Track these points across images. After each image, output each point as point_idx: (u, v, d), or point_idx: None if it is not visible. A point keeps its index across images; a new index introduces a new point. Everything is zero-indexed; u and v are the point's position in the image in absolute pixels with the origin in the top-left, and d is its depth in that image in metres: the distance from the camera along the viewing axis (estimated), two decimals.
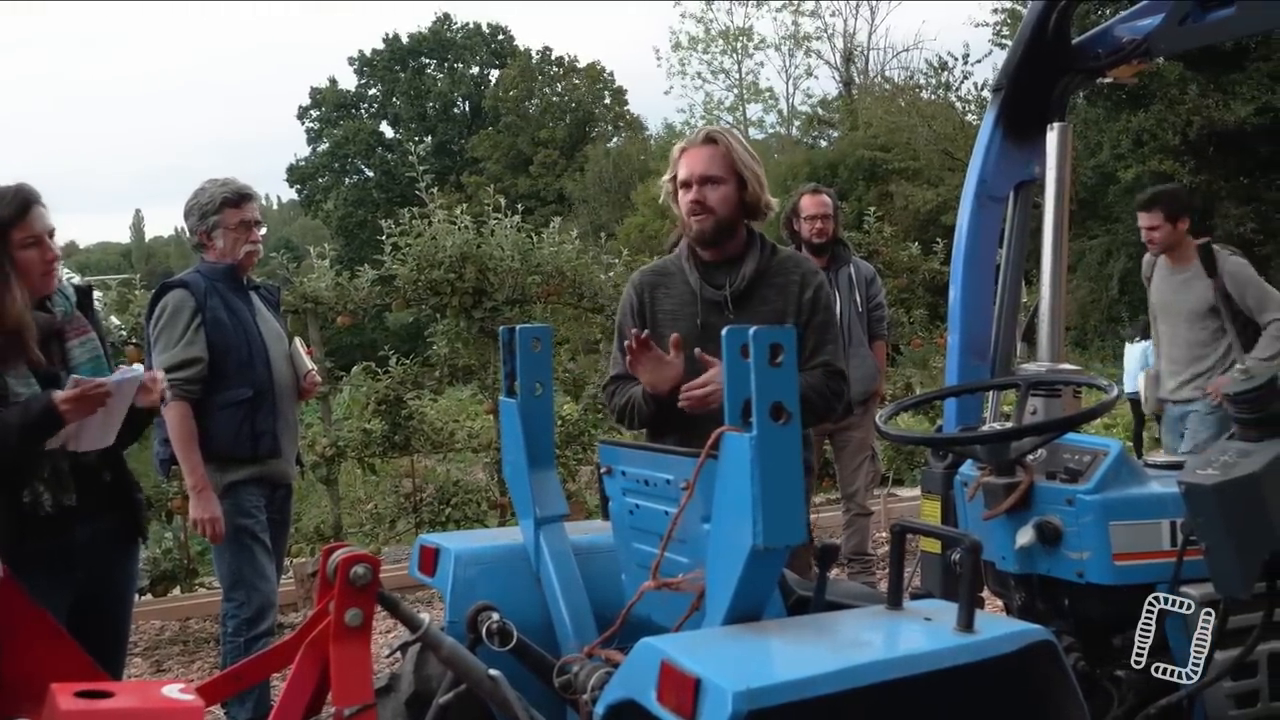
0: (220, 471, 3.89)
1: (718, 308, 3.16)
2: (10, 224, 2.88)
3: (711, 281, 3.19)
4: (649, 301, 3.25)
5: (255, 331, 3.97)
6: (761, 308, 3.15)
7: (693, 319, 3.17)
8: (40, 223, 2.94)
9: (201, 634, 6.08)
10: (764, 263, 3.20)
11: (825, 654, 1.72)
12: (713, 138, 3.16)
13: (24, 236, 2.90)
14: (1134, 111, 20.53)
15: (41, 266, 2.94)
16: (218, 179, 4.06)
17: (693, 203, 3.13)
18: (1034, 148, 3.24)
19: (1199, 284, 5.42)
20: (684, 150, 3.18)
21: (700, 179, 3.12)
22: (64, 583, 2.95)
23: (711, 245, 3.19)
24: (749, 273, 3.17)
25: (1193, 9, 3.07)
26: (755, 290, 3.18)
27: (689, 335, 3.08)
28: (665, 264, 3.34)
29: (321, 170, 48.66)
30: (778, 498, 1.79)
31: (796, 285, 3.20)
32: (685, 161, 3.16)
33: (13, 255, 2.88)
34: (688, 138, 3.24)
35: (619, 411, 3.26)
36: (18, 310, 2.85)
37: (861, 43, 39.00)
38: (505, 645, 2.28)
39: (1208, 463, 2.28)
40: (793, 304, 3.18)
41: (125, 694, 1.72)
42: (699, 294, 3.18)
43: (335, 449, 6.73)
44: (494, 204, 7.20)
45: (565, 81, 48.17)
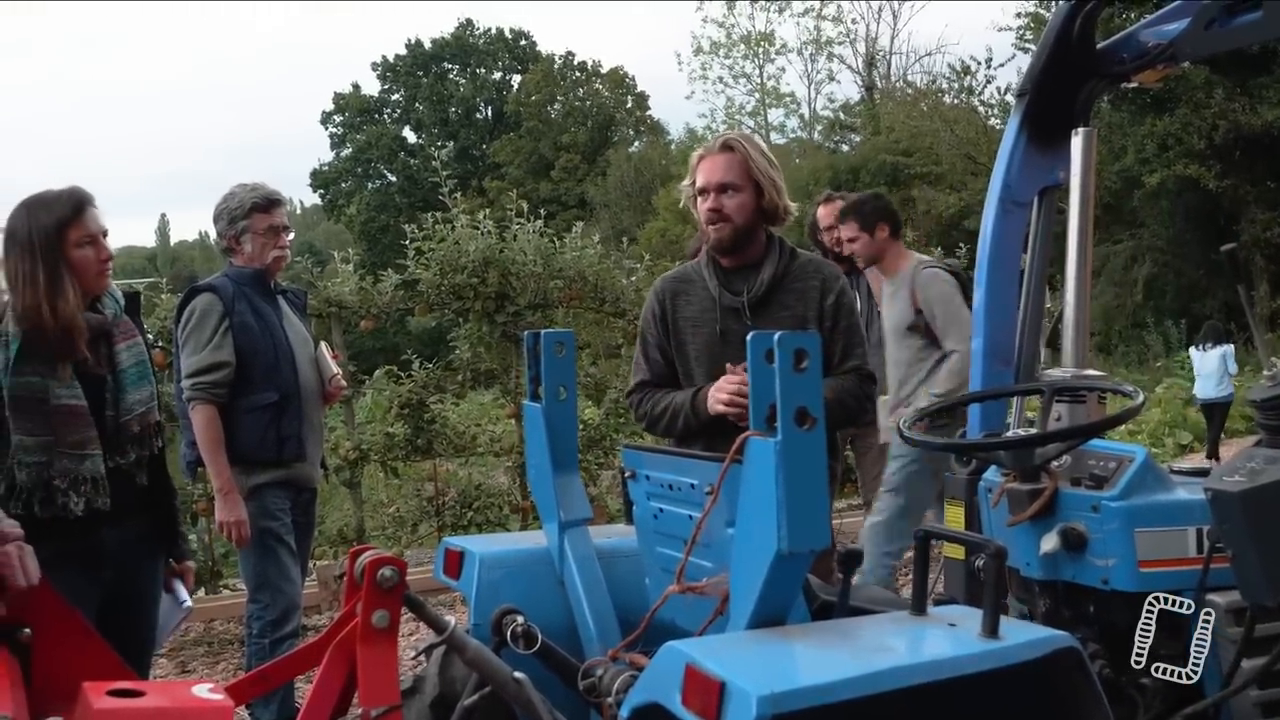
0: (246, 474, 3.92)
1: (736, 314, 3.18)
2: (66, 223, 2.92)
3: (730, 288, 3.22)
4: (670, 309, 3.28)
5: (282, 336, 4.01)
6: (781, 313, 3.17)
7: (713, 325, 3.20)
8: (94, 223, 2.98)
9: (226, 635, 6.13)
10: (782, 268, 3.22)
11: (850, 659, 1.72)
12: (730, 145, 3.18)
13: (79, 236, 2.94)
14: (1159, 115, 20.40)
15: (96, 266, 2.98)
16: (247, 184, 4.10)
17: (710, 210, 3.16)
18: (1058, 153, 3.23)
19: (902, 296, 5.01)
20: (702, 158, 3.22)
21: (718, 187, 3.15)
22: (94, 582, 2.98)
23: (730, 252, 3.21)
24: (766, 279, 3.20)
25: (1219, 13, 3.05)
26: (774, 296, 3.20)
27: (709, 342, 3.14)
28: (687, 271, 3.37)
29: (344, 175, 48.94)
30: (802, 502, 1.79)
31: (817, 290, 3.22)
32: (703, 169, 3.19)
33: (68, 255, 2.92)
34: (706, 144, 3.27)
35: (653, 419, 3.27)
36: (70, 309, 2.89)
37: (884, 47, 38.93)
38: (530, 648, 2.29)
39: (1234, 469, 2.26)
40: (814, 309, 3.20)
41: (156, 693, 1.74)
42: (719, 301, 3.21)
43: (358, 452, 6.77)
44: (516, 209, 7.23)
45: (588, 86, 48.26)
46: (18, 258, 2.92)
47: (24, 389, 2.87)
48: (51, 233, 2.91)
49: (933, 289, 4.90)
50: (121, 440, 3.04)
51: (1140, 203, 22.11)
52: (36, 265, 2.89)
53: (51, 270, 2.89)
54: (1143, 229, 22.78)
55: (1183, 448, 12.29)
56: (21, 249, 2.91)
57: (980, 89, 29.68)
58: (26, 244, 2.91)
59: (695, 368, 3.25)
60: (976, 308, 3.27)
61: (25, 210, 2.95)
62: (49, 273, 2.89)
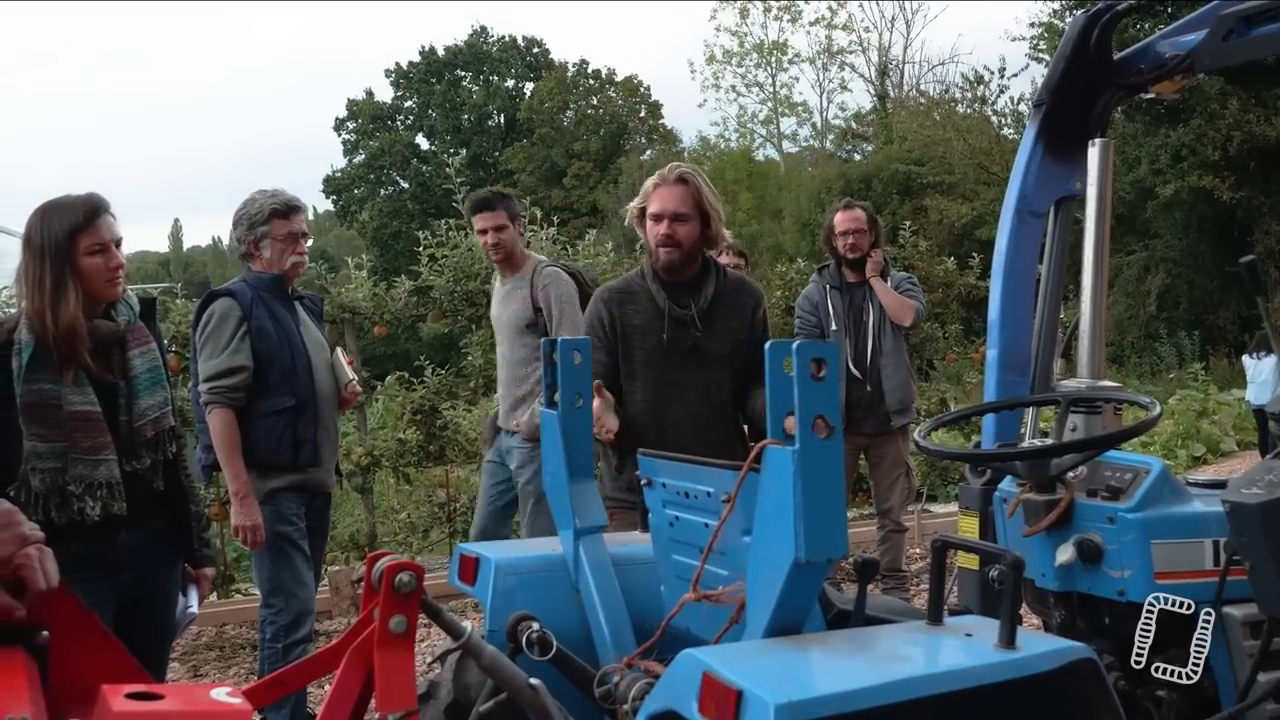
0: (261, 479, 3.94)
1: (683, 325, 3.58)
2: (78, 230, 2.93)
3: (677, 301, 3.60)
4: (619, 316, 3.62)
5: (299, 341, 4.03)
6: (724, 324, 3.61)
7: (659, 334, 3.58)
8: (107, 231, 2.99)
9: (238, 640, 6.14)
10: (721, 286, 3.64)
11: (866, 668, 1.72)
12: (684, 178, 3.56)
13: (90, 243, 2.94)
14: (1173, 126, 20.34)
15: (106, 274, 2.98)
16: (267, 190, 4.12)
17: (664, 236, 3.53)
18: (1075, 163, 3.23)
19: (519, 294, 4.97)
20: (657, 186, 3.56)
21: (672, 215, 3.52)
22: (111, 585, 2.99)
23: (677, 272, 3.60)
24: (710, 294, 3.61)
25: (1237, 24, 3.05)
26: (717, 309, 3.61)
27: (655, 348, 3.55)
28: (629, 282, 3.72)
29: (357, 181, 49.03)
30: (820, 511, 1.79)
31: (750, 306, 3.68)
32: (659, 197, 3.55)
33: (77, 261, 2.93)
34: (660, 173, 3.60)
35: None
36: (71, 315, 2.90)
37: (897, 56, 38.92)
38: (545, 655, 2.29)
39: (1252, 481, 2.26)
40: (747, 322, 3.65)
41: (175, 696, 1.74)
42: (666, 312, 3.58)
43: (371, 458, 6.79)
44: (529, 216, 7.26)
45: (601, 94, 48.32)
46: (29, 261, 2.94)
47: (37, 396, 2.89)
48: (62, 238, 2.91)
49: (557, 287, 4.89)
50: (136, 445, 3.05)
51: (1154, 214, 22.04)
52: (45, 270, 2.90)
53: (58, 276, 2.90)
54: (1156, 240, 22.70)
55: (1195, 459, 12.24)
56: (33, 253, 2.93)
57: (993, 98, 29.69)
58: (38, 248, 2.93)
59: (641, 370, 3.63)
60: (992, 318, 3.27)
61: (40, 214, 2.97)
62: (55, 278, 2.90)
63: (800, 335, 5.79)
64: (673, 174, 3.57)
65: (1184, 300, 22.19)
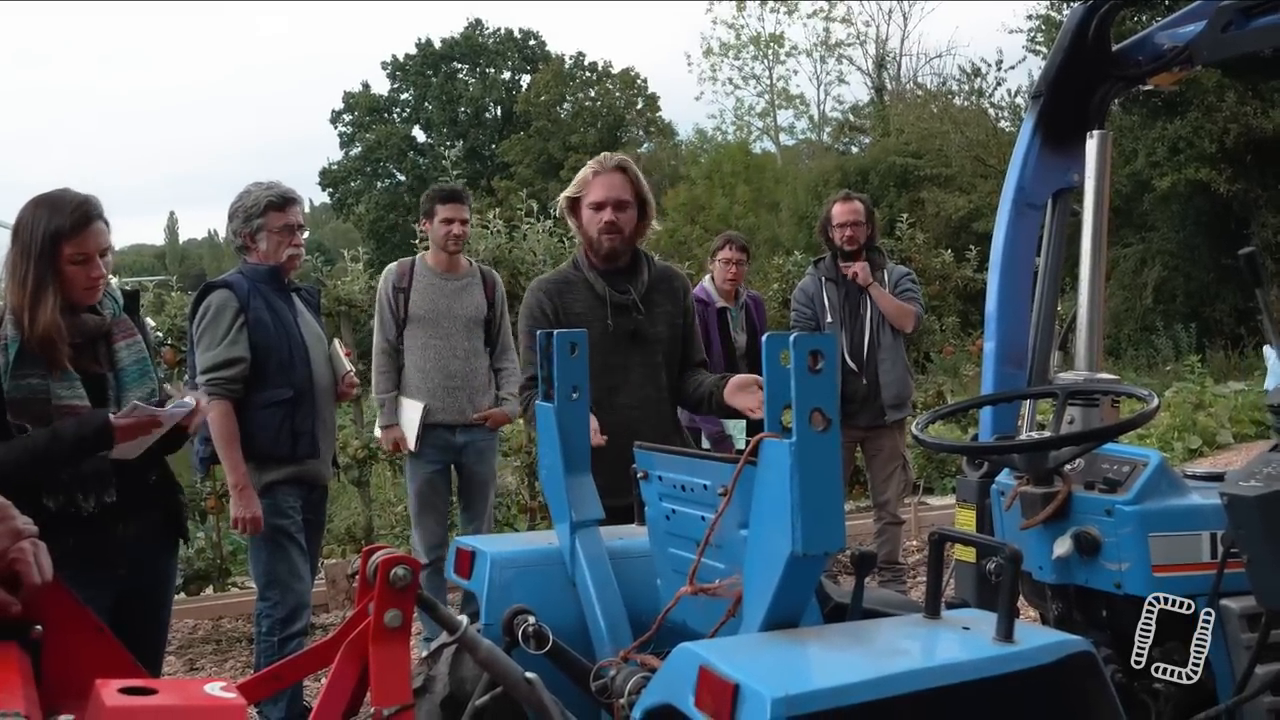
0: (259, 471, 3.93)
1: (626, 310, 3.58)
2: (65, 235, 2.89)
3: (616, 288, 3.59)
4: (560, 306, 3.59)
5: (296, 333, 4.02)
6: (661, 309, 3.64)
7: (603, 320, 3.55)
8: (95, 240, 2.94)
9: (234, 633, 6.14)
10: (654, 272, 3.68)
11: (864, 661, 1.72)
12: (623, 167, 3.58)
13: (74, 252, 2.90)
14: (1170, 119, 20.30)
15: (85, 283, 2.95)
16: (263, 182, 4.11)
17: (608, 223, 3.53)
18: (1073, 155, 3.22)
19: (474, 289, 5.24)
20: (596, 174, 3.56)
21: (615, 203, 3.52)
22: (106, 579, 2.99)
23: (617, 259, 3.60)
24: (648, 280, 3.63)
25: (1236, 16, 3.04)
26: (652, 295, 3.64)
27: (600, 335, 3.44)
28: (564, 273, 3.72)
29: (353, 174, 48.93)
30: (817, 504, 1.79)
31: (681, 292, 3.73)
32: (601, 185, 3.54)
33: (60, 267, 2.89)
34: (598, 161, 3.61)
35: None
36: (48, 319, 2.87)
37: (894, 49, 38.85)
38: (541, 648, 2.29)
39: (1250, 474, 2.25)
40: (680, 307, 3.70)
41: (169, 691, 1.73)
42: (607, 299, 3.56)
43: (367, 451, 6.77)
44: (526, 208, 7.24)
45: (598, 87, 48.24)
46: (16, 254, 2.92)
47: (25, 391, 2.87)
48: (47, 241, 2.88)
49: (500, 288, 5.17)
50: None
51: (1150, 206, 22.01)
52: (28, 269, 2.88)
53: (39, 278, 2.88)
54: (1153, 233, 22.67)
55: (1192, 452, 12.24)
56: (20, 248, 2.91)
57: (991, 91, 29.63)
58: (24, 245, 2.90)
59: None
60: (989, 310, 3.26)
61: (33, 207, 2.93)
62: (36, 279, 2.88)
63: (796, 328, 5.79)
64: (611, 162, 3.59)
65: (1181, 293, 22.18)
